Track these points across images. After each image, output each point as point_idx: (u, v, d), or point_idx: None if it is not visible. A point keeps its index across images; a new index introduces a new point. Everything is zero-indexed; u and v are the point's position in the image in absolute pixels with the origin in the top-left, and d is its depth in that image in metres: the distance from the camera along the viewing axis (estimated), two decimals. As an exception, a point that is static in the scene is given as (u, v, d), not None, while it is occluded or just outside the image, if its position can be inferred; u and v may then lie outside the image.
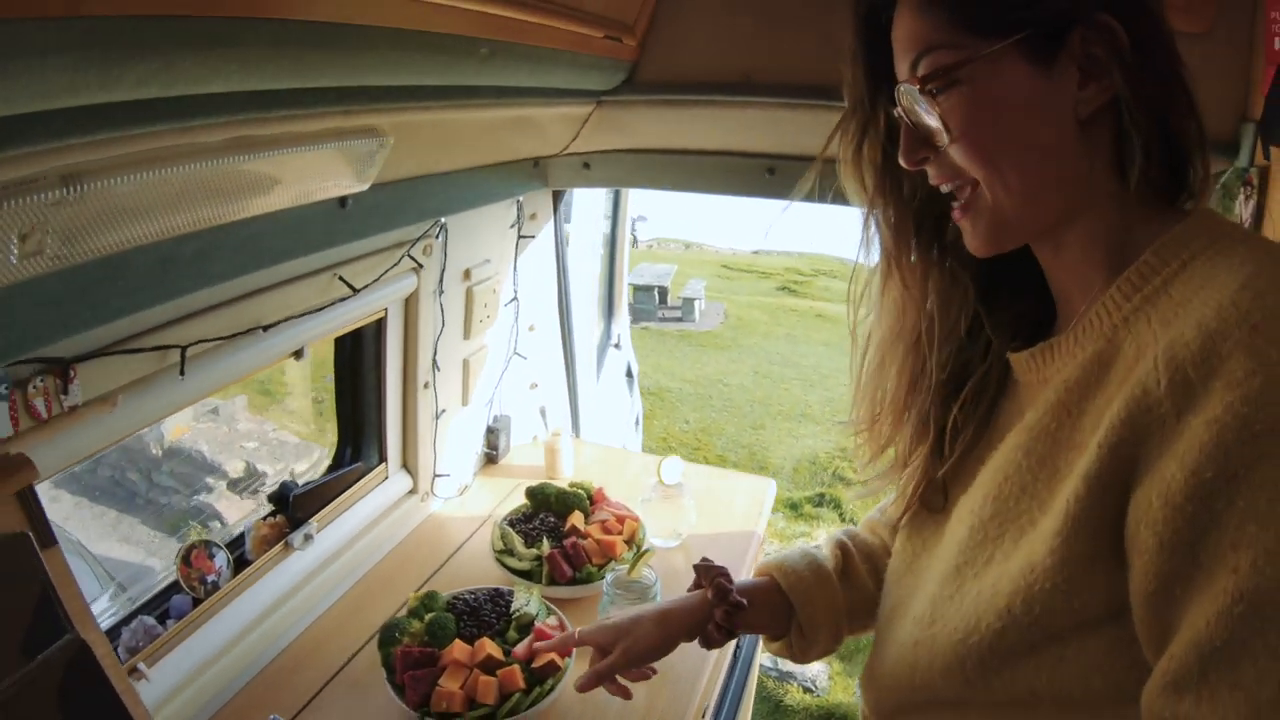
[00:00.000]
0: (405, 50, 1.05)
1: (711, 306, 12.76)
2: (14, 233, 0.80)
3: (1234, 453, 0.58)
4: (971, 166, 0.75)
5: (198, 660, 1.52)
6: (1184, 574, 0.61)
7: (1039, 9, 0.71)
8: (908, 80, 0.75)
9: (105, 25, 0.63)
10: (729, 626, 1.08)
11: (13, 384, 1.05)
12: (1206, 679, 0.60)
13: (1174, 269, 0.69)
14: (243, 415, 6.59)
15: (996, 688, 0.78)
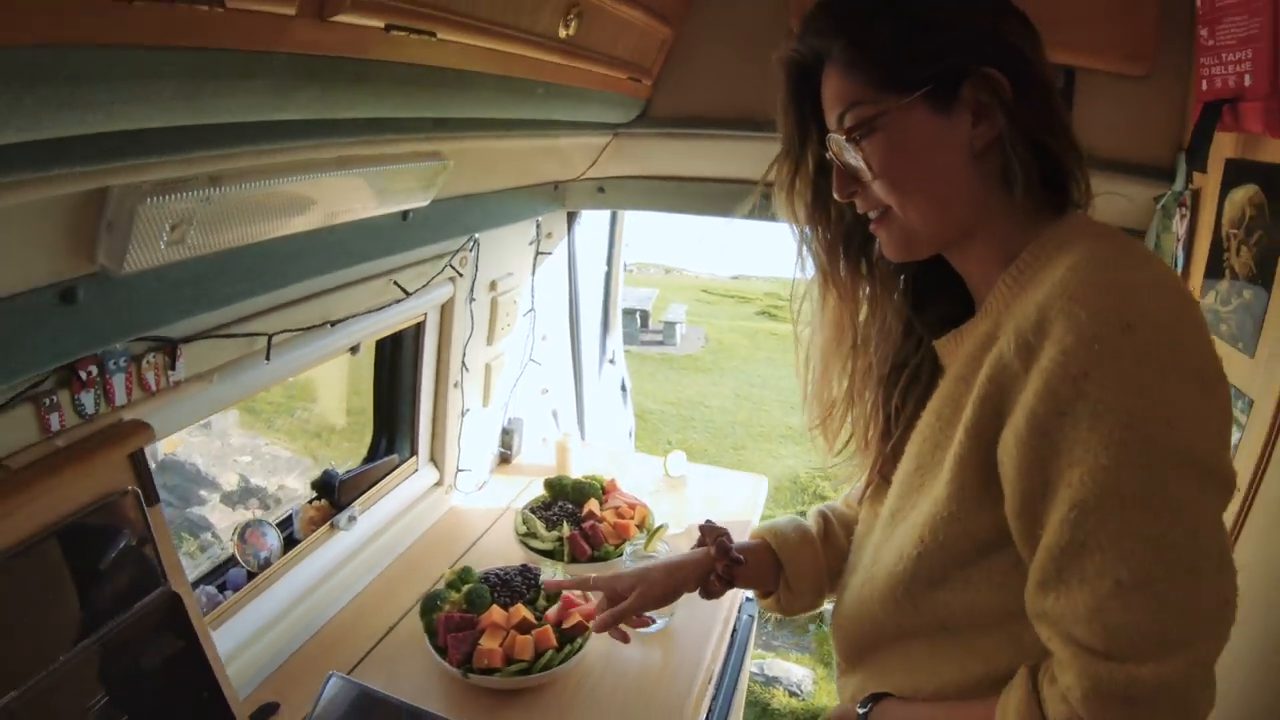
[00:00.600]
0: (484, 89, 1.28)
1: (692, 330, 12.85)
2: (168, 222, 1.00)
3: (1060, 393, 0.74)
4: (889, 198, 0.91)
5: (256, 625, 1.70)
6: (1038, 492, 0.77)
7: (936, 68, 0.86)
8: (836, 130, 0.92)
9: (308, 65, 0.85)
10: (728, 578, 1.22)
11: (130, 359, 1.23)
12: (1061, 576, 0.76)
13: (1041, 263, 0.85)
14: (234, 430, 6.67)
15: (924, 611, 0.95)
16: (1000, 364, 0.80)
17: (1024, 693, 0.82)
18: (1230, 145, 1.46)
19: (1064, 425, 0.74)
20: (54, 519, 1.13)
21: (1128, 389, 0.72)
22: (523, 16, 1.23)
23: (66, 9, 0.60)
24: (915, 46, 0.87)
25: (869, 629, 1.06)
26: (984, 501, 0.85)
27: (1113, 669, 0.73)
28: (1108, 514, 0.73)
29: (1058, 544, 0.76)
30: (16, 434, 1.09)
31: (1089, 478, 0.73)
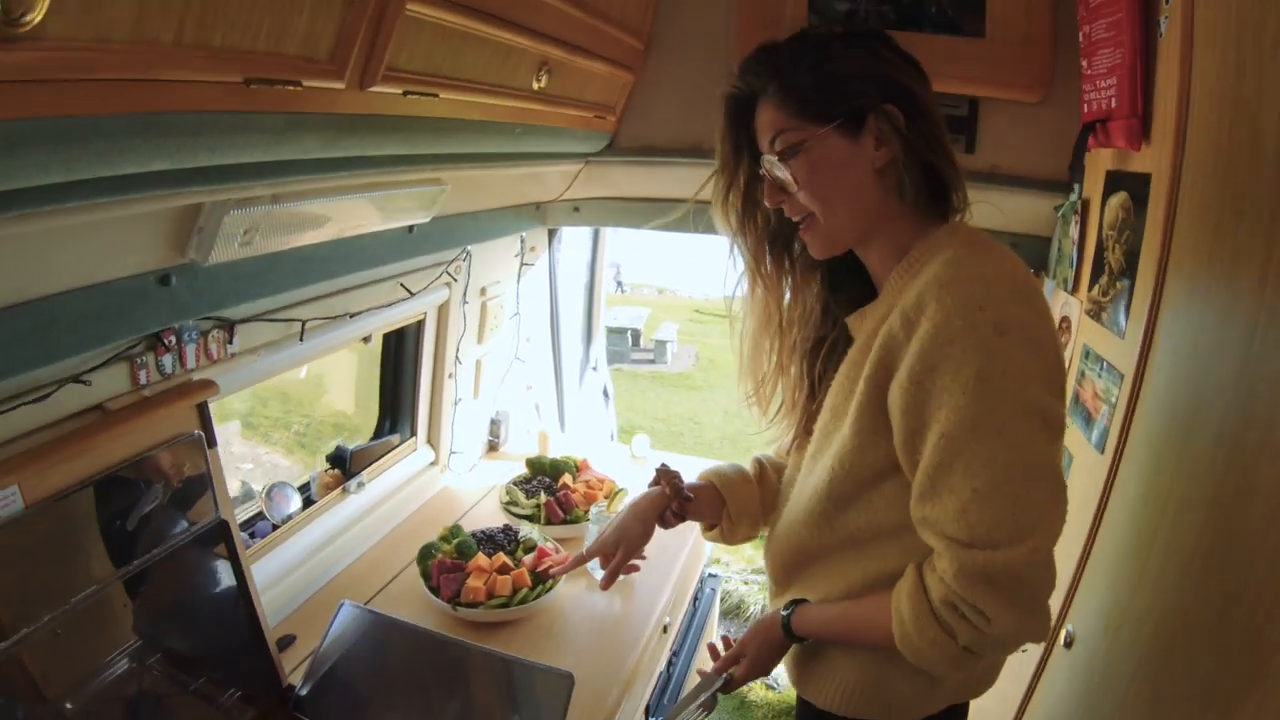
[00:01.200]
0: (474, 131, 1.68)
1: (684, 349, 12.98)
2: (242, 228, 1.36)
3: (930, 354, 1.00)
4: (811, 205, 1.15)
5: (278, 570, 2.02)
6: (916, 428, 1.04)
7: (847, 105, 1.09)
8: (769, 151, 1.15)
9: (351, 120, 1.24)
10: (681, 512, 1.48)
11: (200, 333, 1.57)
12: (935, 489, 1.02)
13: (925, 260, 1.10)
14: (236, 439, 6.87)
15: (838, 529, 1.21)
16: (890, 334, 1.06)
17: (912, 581, 1.08)
18: (1110, 159, 1.69)
19: (935, 378, 1.00)
20: (139, 450, 1.43)
21: (979, 351, 0.98)
22: (503, 76, 1.62)
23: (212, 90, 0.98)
24: (831, 88, 1.11)
25: (796, 550, 1.30)
26: (877, 438, 1.11)
27: (974, 555, 0.98)
28: (965, 440, 0.99)
29: (931, 465, 1.02)
30: (115, 383, 1.42)
31: (952, 415, 0.99)
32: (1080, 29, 1.76)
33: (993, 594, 0.99)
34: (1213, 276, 1.25)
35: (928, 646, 1.06)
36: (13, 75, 0.77)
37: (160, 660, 1.57)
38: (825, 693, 1.29)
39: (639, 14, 2.20)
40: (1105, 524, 1.50)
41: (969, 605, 1.00)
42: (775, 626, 1.30)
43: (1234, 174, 1.20)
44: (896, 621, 1.09)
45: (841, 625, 1.23)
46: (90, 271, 1.23)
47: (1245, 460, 1.08)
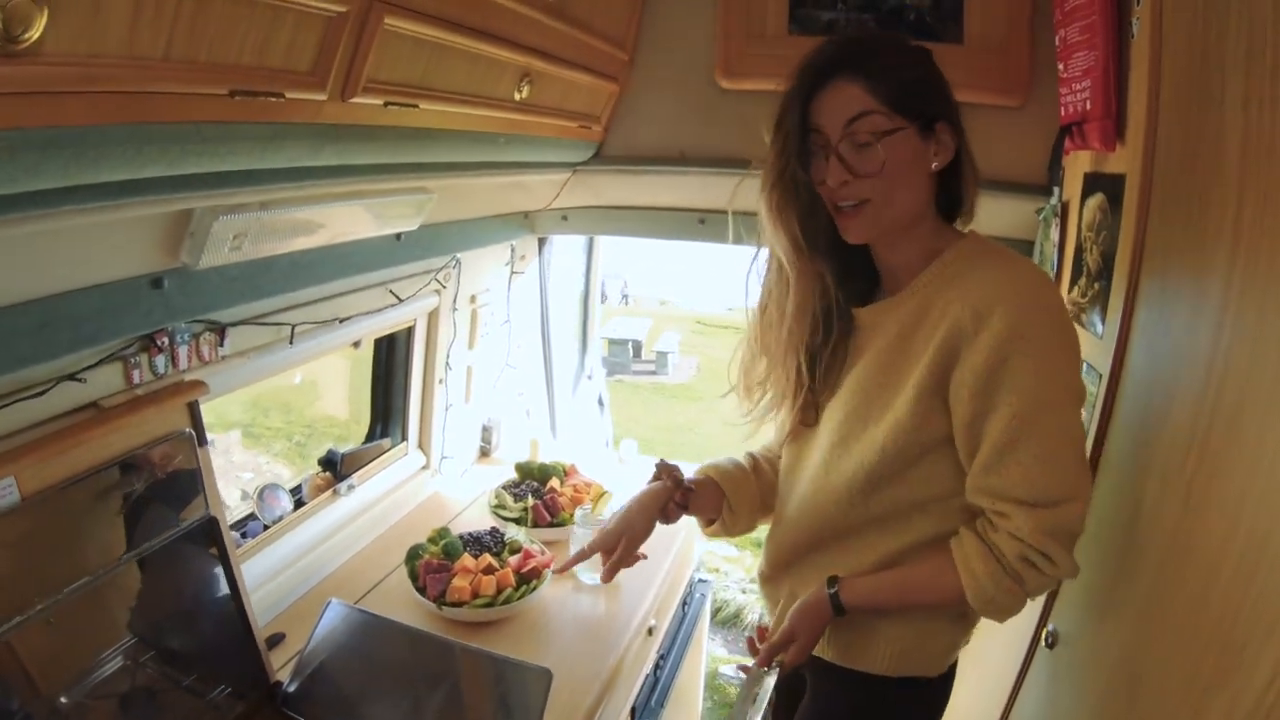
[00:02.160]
0: (456, 141, 1.74)
1: (685, 360, 13.04)
2: (231, 234, 1.42)
3: (1005, 346, 1.14)
4: (874, 192, 1.22)
5: (269, 569, 2.05)
6: (984, 409, 1.18)
7: (930, 109, 1.21)
8: (841, 130, 1.20)
9: (334, 130, 1.30)
10: (684, 504, 1.53)
11: (192, 335, 1.62)
12: (1002, 461, 1.17)
13: (962, 264, 1.24)
14: (237, 448, 6.90)
15: (871, 505, 1.30)
16: (957, 327, 1.18)
17: (976, 541, 1.22)
18: (1087, 161, 1.73)
19: (1007, 367, 1.15)
20: (132, 446, 1.47)
21: (1045, 345, 1.16)
22: (484, 86, 1.68)
23: (198, 102, 1.04)
24: (925, 90, 1.23)
25: (816, 530, 1.38)
26: (932, 417, 1.23)
27: (1043, 512, 1.15)
28: (1033, 417, 1.15)
29: (1000, 441, 1.17)
30: (109, 382, 1.46)
31: (1023, 397, 1.15)
32: (1056, 32, 1.80)
33: (1058, 542, 1.16)
34: (1183, 273, 1.30)
35: (1003, 595, 1.20)
36: (12, 88, 0.83)
37: (152, 657, 1.60)
38: (877, 658, 1.37)
39: (622, 25, 2.26)
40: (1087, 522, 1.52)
41: (1040, 554, 1.16)
42: (824, 604, 1.34)
43: (1200, 169, 1.23)
44: (969, 579, 1.21)
45: (895, 593, 1.31)
46: (86, 274, 1.29)
47: (1214, 455, 1.12)
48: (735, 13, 2.26)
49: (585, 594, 2.24)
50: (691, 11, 2.33)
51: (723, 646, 4.95)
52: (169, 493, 1.59)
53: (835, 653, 1.41)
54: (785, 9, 2.22)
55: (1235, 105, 1.11)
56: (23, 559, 1.32)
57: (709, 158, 2.42)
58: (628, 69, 2.38)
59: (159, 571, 1.60)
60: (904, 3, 2.14)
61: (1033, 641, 1.68)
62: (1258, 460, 1.00)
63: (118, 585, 1.53)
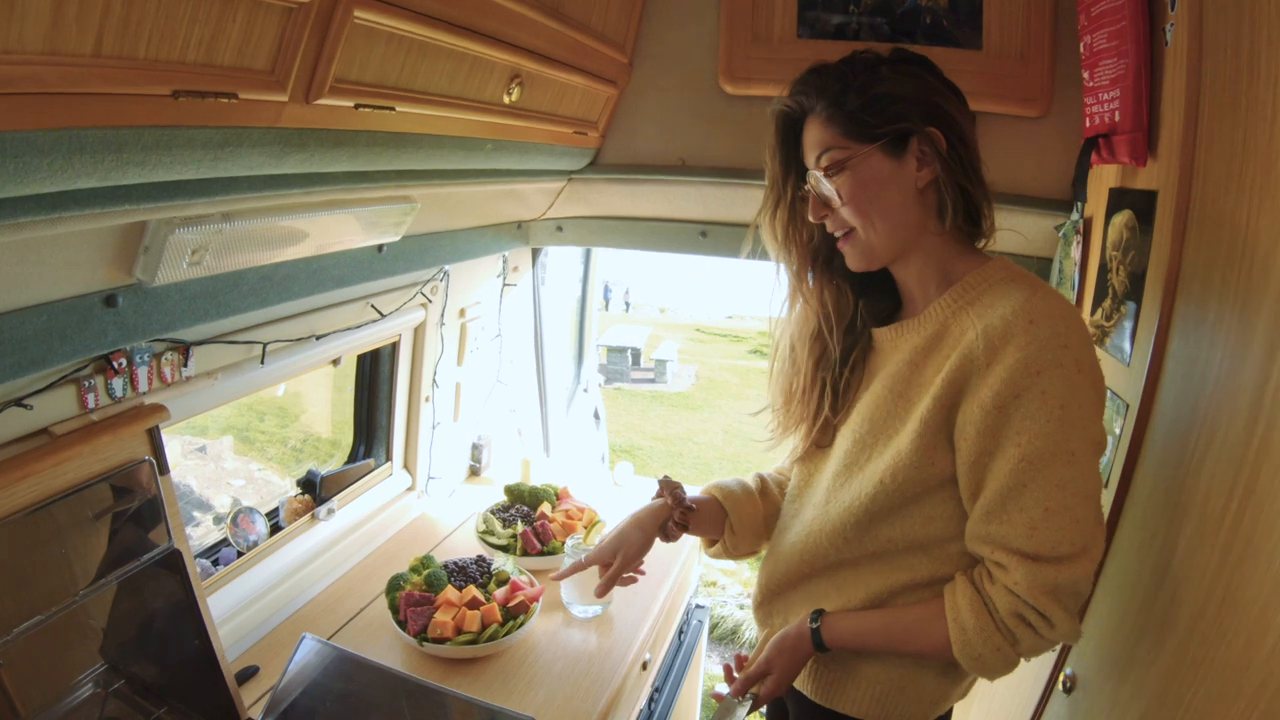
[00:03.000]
0: (439, 148, 1.61)
1: (684, 368, 13.08)
2: (189, 248, 1.31)
3: (1019, 382, 1.07)
4: (853, 220, 1.21)
5: (242, 599, 1.94)
6: (990, 449, 1.11)
7: (892, 126, 1.16)
8: (815, 167, 1.22)
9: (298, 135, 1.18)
10: (684, 524, 1.49)
11: (152, 355, 1.51)
12: (1005, 507, 1.10)
13: (983, 288, 1.18)
14: (229, 454, 6.83)
15: (866, 542, 1.26)
16: (968, 357, 1.12)
17: (970, 591, 1.15)
18: (1113, 176, 1.66)
19: (1019, 404, 1.08)
20: (86, 477, 1.38)
21: (1064, 385, 1.07)
22: (470, 88, 1.55)
23: (136, 104, 0.92)
24: (877, 109, 1.17)
25: (809, 560, 1.34)
26: (935, 455, 1.17)
27: (1043, 568, 1.08)
28: (1043, 464, 1.07)
29: (1005, 485, 1.10)
30: (61, 407, 1.36)
31: (1035, 440, 1.07)
32: (1081, 39, 1.73)
33: (1058, 602, 1.09)
34: (1226, 298, 1.20)
35: (991, 654, 1.14)
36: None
37: (124, 686, 1.55)
38: (857, 700, 1.33)
39: (621, 26, 2.15)
40: (1109, 562, 1.46)
41: (1036, 614, 1.09)
42: (805, 639, 1.31)
43: (1246, 187, 1.15)
44: (957, 632, 1.16)
45: (880, 636, 1.26)
46: (28, 292, 1.18)
47: (1260, 501, 1.04)
48: (740, 14, 2.16)
49: (576, 628, 2.13)
50: (694, 12, 2.23)
51: (719, 665, 4.82)
52: (130, 524, 1.51)
53: (815, 690, 1.38)
54: (794, 11, 2.13)
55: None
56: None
57: (712, 166, 2.31)
58: (626, 72, 2.27)
59: (127, 601, 1.54)
60: (919, 5, 2.04)
61: (1048, 685, 1.60)
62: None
63: (86, 613, 1.47)
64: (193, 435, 5.22)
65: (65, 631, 1.42)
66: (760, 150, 1.32)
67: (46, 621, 1.35)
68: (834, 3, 2.10)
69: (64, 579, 1.39)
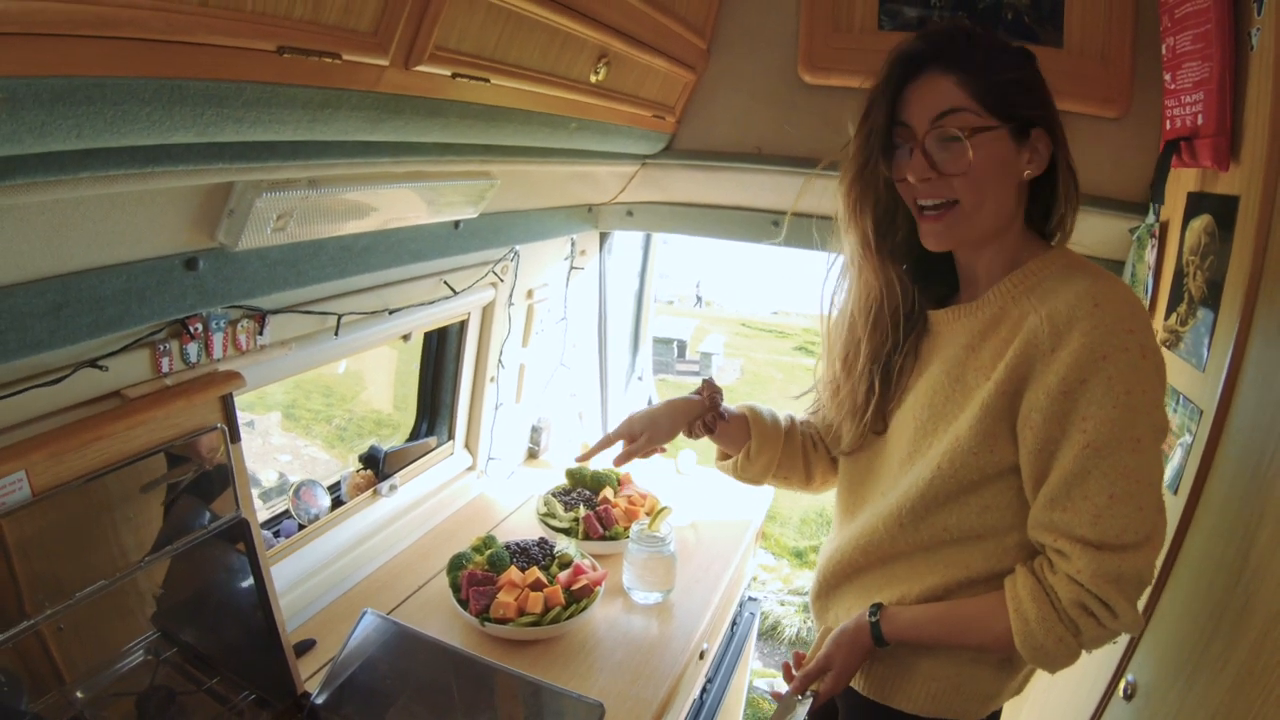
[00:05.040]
0: (526, 123, 1.58)
1: (729, 362, 13.05)
2: (275, 213, 1.29)
3: (1084, 367, 1.05)
4: (962, 192, 1.15)
5: (302, 571, 1.95)
6: (1056, 436, 1.09)
7: (1026, 112, 1.14)
8: (930, 125, 1.15)
9: (395, 101, 1.15)
10: (711, 427, 1.54)
11: (229, 322, 1.50)
12: (1069, 494, 1.08)
13: (1045, 274, 1.16)
14: (276, 430, 6.93)
15: (922, 530, 1.24)
16: (1032, 342, 1.10)
17: (1031, 581, 1.13)
18: (1192, 180, 1.63)
19: (1085, 390, 1.05)
20: (157, 442, 1.38)
21: (1130, 370, 1.04)
22: (560, 65, 1.52)
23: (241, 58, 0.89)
24: (1023, 92, 1.15)
25: (865, 551, 1.32)
26: (996, 442, 1.15)
27: (1108, 556, 1.06)
28: (1109, 450, 1.05)
29: (1069, 472, 1.07)
30: (135, 370, 1.35)
31: (1100, 425, 1.05)
32: (1164, 41, 1.69)
33: (1121, 591, 1.07)
34: None
35: (1053, 644, 1.11)
36: (17, 27, 0.69)
37: (176, 655, 1.53)
38: (913, 697, 1.30)
39: (702, 11, 2.11)
40: (1177, 569, 1.43)
41: (1099, 603, 1.07)
42: (864, 633, 1.29)
43: None
44: (1019, 622, 1.13)
45: (938, 628, 1.24)
46: (110, 251, 1.16)
47: None
48: (822, 4, 2.13)
49: (637, 614, 2.10)
50: (774, 1, 2.18)
51: (759, 660, 4.79)
52: (197, 491, 1.50)
53: (869, 687, 1.36)
54: (875, 2, 2.10)
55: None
56: (33, 559, 1.22)
57: (787, 156, 2.26)
58: (705, 58, 2.23)
59: (186, 570, 1.52)
60: (1001, 1, 2.00)
61: (1108, 691, 1.56)
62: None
63: (143, 579, 1.45)
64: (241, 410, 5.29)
65: (121, 598, 1.41)
66: (837, 140, 1.27)
67: (111, 586, 1.34)
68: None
69: (129, 544, 1.38)
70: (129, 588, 1.42)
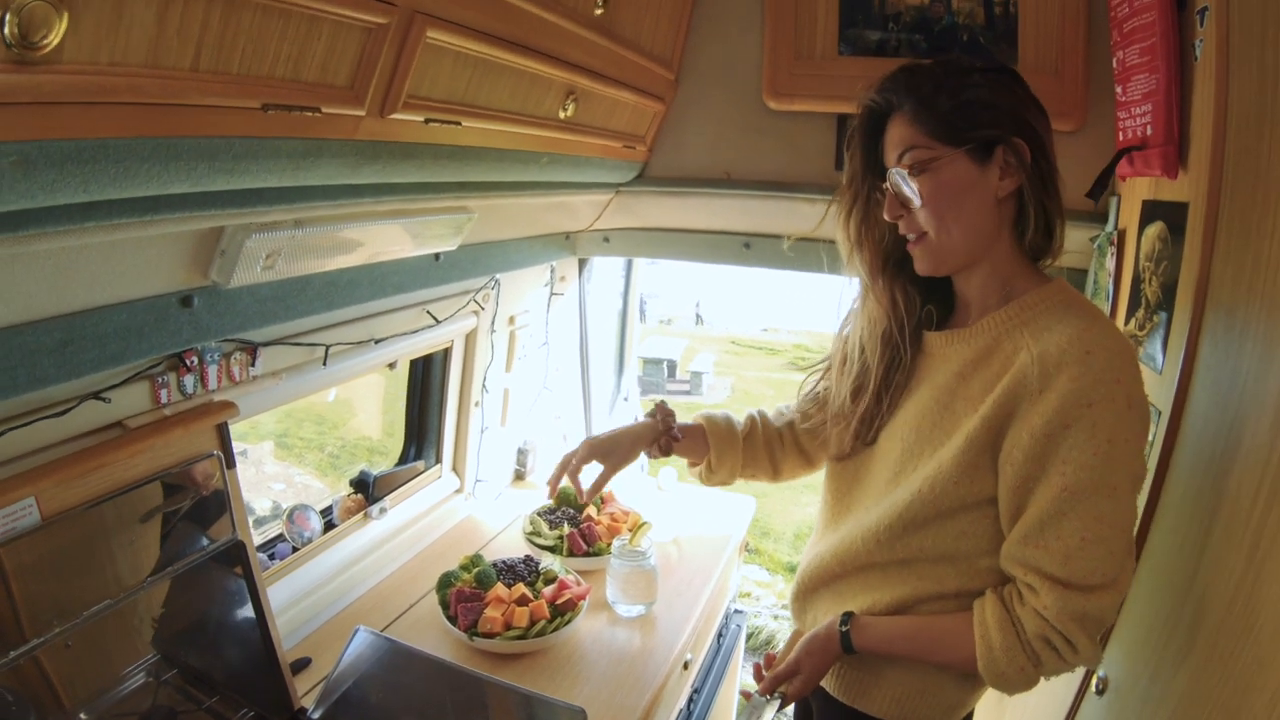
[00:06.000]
0: (499, 161, 1.68)
1: (719, 380, 13.09)
2: (264, 252, 1.38)
3: (1069, 412, 1.08)
4: (928, 223, 1.20)
5: (297, 592, 2.01)
6: (1035, 475, 1.12)
7: (980, 133, 1.15)
8: (896, 165, 1.20)
9: (372, 147, 1.25)
10: (667, 449, 1.61)
11: (222, 354, 1.58)
12: (1043, 533, 1.12)
13: (1040, 309, 1.19)
14: (269, 459, 6.93)
15: (898, 548, 1.27)
16: (1021, 380, 1.13)
17: (999, 610, 1.17)
18: (1146, 188, 1.68)
19: (1068, 434, 1.09)
20: (158, 468, 1.45)
21: (1114, 419, 1.07)
22: (528, 104, 1.62)
23: (229, 116, 0.99)
24: (968, 114, 1.17)
25: (842, 560, 1.36)
26: (976, 473, 1.19)
27: (1074, 595, 1.10)
28: (1085, 495, 1.09)
29: (1045, 512, 1.11)
30: (135, 401, 1.44)
31: (1079, 471, 1.09)
32: (1114, 54, 1.75)
33: (1083, 629, 1.11)
34: (1253, 307, 1.22)
35: (1014, 672, 1.16)
36: (29, 97, 0.78)
37: (176, 676, 1.58)
38: (879, 701, 1.35)
39: (669, 44, 2.21)
40: (1140, 568, 1.46)
41: (1062, 639, 1.12)
42: (834, 640, 1.33)
43: (1272, 197, 1.18)
44: (984, 648, 1.18)
45: (907, 645, 1.28)
46: (112, 291, 1.25)
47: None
48: (783, 32, 2.22)
49: (621, 627, 2.17)
50: (739, 30, 2.29)
51: (751, 673, 4.84)
52: (195, 516, 1.56)
53: (839, 688, 1.41)
54: (835, 29, 2.19)
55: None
56: (43, 580, 1.29)
57: (755, 180, 2.36)
58: (673, 88, 2.33)
59: (184, 592, 1.58)
60: (956, 23, 2.09)
61: (1082, 686, 1.60)
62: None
63: (142, 603, 1.51)
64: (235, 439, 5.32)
65: (123, 620, 1.47)
66: (802, 163, 1.35)
67: (116, 605, 1.40)
68: (874, 20, 2.15)
69: (131, 567, 1.44)
70: (130, 611, 1.47)
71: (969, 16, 2.08)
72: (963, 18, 2.08)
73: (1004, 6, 2.05)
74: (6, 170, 0.80)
